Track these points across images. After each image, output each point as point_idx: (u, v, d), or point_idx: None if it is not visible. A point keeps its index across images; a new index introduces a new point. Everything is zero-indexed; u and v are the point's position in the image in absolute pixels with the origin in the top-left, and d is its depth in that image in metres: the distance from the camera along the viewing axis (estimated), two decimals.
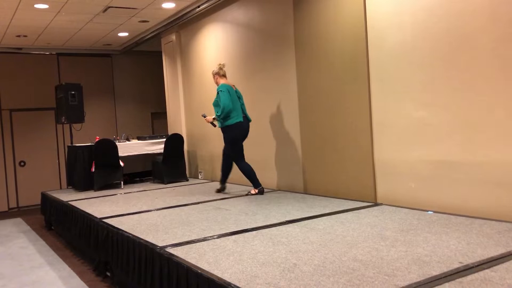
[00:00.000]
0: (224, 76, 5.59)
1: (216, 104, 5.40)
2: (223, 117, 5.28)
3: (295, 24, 5.37)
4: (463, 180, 3.72)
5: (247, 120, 5.50)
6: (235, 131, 5.36)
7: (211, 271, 2.64)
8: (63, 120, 7.94)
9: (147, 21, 7.86)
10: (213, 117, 5.57)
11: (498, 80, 3.44)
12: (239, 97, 5.52)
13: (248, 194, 5.47)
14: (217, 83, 5.59)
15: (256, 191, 5.45)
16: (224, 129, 5.40)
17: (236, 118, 5.32)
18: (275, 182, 5.99)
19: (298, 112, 5.44)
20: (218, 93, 5.34)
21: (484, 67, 3.53)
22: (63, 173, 9.59)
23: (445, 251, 2.77)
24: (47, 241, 6.17)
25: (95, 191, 6.92)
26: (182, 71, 8.34)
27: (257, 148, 6.37)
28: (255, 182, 5.47)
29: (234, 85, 5.59)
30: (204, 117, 5.81)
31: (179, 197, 5.76)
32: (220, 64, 5.63)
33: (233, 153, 5.52)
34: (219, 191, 5.86)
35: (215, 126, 5.74)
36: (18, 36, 8.29)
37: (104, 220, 4.44)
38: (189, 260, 2.88)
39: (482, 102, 3.56)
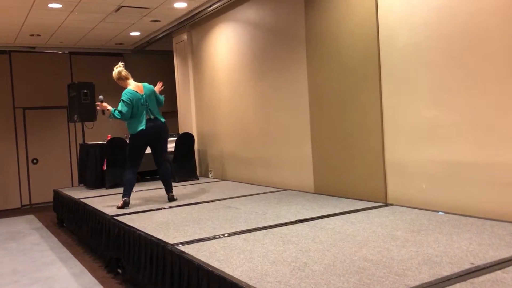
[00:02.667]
0: (126, 78, 5.18)
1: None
2: (120, 116, 4.96)
3: (307, 23, 5.37)
4: (474, 181, 3.69)
5: (157, 122, 5.14)
6: (138, 139, 5.08)
7: (222, 269, 2.66)
8: (75, 119, 8.03)
9: (159, 21, 7.90)
10: (109, 108, 5.02)
11: (511, 80, 3.41)
12: (148, 99, 5.11)
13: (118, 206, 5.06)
14: (123, 86, 5.19)
15: (122, 202, 5.05)
16: (129, 136, 5.19)
17: (139, 126, 5.04)
18: (285, 181, 5.99)
19: (308, 111, 5.44)
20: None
21: (496, 67, 3.50)
22: (75, 171, 9.68)
23: (456, 252, 2.76)
24: (59, 238, 6.24)
25: (106, 189, 6.97)
26: (193, 70, 8.38)
27: (267, 147, 6.38)
28: (126, 192, 5.10)
29: (141, 85, 5.18)
30: (101, 101, 5.09)
31: (190, 195, 5.79)
32: (118, 67, 5.23)
33: (128, 159, 5.22)
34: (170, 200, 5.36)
35: (103, 114, 5.31)
36: (32, 35, 8.38)
37: (116, 218, 4.48)
38: (200, 258, 2.90)
39: (494, 103, 3.53)
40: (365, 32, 4.57)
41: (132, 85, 5.18)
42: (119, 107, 4.98)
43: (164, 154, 5.39)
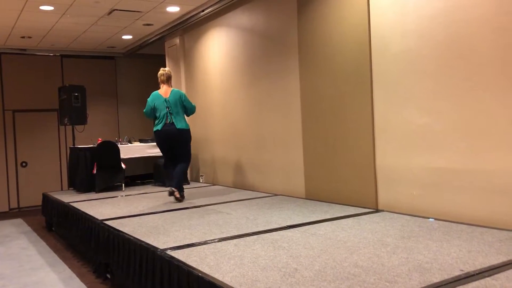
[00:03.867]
0: (162, 82, 5.68)
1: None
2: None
3: (299, 30, 5.39)
4: (465, 188, 3.72)
5: (172, 127, 5.51)
6: (156, 138, 5.72)
7: (212, 275, 2.64)
8: (65, 122, 7.97)
9: (151, 24, 7.89)
10: None
11: (502, 88, 3.45)
12: (171, 103, 5.55)
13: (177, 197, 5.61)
14: None
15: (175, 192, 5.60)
16: None
17: (155, 127, 5.60)
18: (276, 187, 5.99)
19: (300, 117, 5.45)
20: None
21: (488, 75, 3.54)
22: (64, 174, 9.61)
23: (446, 259, 2.77)
24: (48, 242, 6.17)
25: (96, 193, 6.92)
26: (185, 74, 8.37)
27: (259, 152, 6.38)
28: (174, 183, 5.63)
29: (169, 90, 5.64)
30: None
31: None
32: (162, 70, 5.73)
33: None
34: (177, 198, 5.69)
35: None
36: (23, 37, 8.33)
37: (105, 222, 4.45)
38: (190, 263, 2.88)
39: (485, 110, 3.57)
40: (357, 39, 4.59)
41: (162, 89, 5.68)
42: None
43: (180, 157, 5.73)
